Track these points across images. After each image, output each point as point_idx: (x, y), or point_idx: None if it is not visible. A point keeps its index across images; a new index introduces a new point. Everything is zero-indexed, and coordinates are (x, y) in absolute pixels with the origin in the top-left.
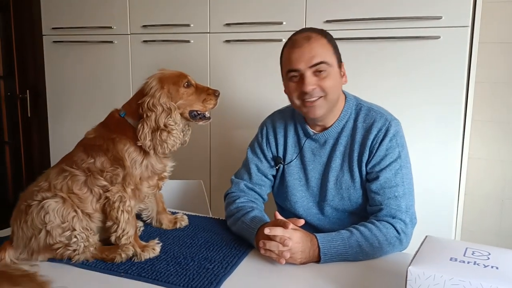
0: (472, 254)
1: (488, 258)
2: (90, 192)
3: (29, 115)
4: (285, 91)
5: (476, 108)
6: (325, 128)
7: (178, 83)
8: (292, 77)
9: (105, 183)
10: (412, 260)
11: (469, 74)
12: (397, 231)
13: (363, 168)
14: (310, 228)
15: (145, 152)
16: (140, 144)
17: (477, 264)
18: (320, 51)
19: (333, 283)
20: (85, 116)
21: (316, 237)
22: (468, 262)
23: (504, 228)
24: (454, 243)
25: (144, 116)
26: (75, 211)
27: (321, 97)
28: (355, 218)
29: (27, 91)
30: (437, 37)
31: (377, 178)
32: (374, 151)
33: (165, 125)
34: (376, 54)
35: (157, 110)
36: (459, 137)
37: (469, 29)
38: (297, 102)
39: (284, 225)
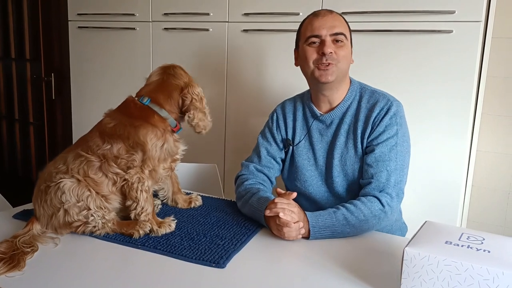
0: (467, 238)
1: (482, 243)
2: (106, 176)
3: (53, 97)
4: (296, 63)
5: (487, 102)
6: (331, 109)
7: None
8: (311, 43)
9: (118, 170)
10: (409, 242)
11: (481, 68)
12: (382, 204)
13: (365, 143)
14: (321, 209)
15: (165, 137)
16: (194, 125)
17: (470, 247)
18: (340, 23)
19: (338, 262)
20: (107, 99)
21: (305, 213)
22: (462, 246)
23: (509, 221)
24: (451, 228)
25: (188, 103)
26: (89, 190)
27: (334, 64)
28: None
29: (52, 74)
30: (450, 31)
31: (372, 151)
32: (375, 127)
33: (204, 110)
34: (388, 47)
35: (197, 98)
36: (469, 130)
37: (482, 24)
38: (312, 66)
39: (287, 197)
